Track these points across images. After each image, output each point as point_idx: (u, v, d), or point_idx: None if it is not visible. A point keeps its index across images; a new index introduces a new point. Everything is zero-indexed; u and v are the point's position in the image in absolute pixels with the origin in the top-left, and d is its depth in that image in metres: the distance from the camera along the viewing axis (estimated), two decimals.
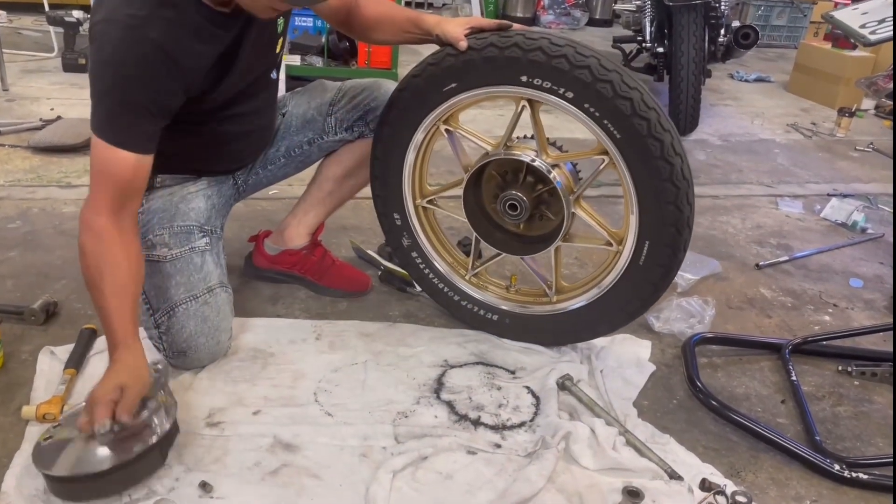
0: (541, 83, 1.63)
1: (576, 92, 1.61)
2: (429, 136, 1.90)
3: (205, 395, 1.69)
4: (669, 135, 1.59)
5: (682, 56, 3.92)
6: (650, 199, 1.64)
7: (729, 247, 2.76)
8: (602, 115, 1.61)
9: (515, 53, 1.62)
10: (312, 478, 1.48)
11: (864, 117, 4.82)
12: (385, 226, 2.07)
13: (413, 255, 2.06)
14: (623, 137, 1.61)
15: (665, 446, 1.63)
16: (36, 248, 2.32)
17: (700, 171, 3.60)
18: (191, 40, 1.51)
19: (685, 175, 1.62)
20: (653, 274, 1.72)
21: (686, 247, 1.70)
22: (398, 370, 1.84)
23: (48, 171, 2.94)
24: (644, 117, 1.57)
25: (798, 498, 1.54)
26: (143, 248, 1.71)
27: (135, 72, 1.45)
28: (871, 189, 3.53)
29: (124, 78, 1.45)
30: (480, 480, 1.50)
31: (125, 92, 1.47)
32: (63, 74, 4.37)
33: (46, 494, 1.38)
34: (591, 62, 1.58)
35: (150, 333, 1.74)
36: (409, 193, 1.99)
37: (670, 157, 1.59)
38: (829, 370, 2.01)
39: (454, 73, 1.72)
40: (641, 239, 1.70)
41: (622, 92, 1.57)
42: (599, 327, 1.89)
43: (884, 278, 2.60)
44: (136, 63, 1.45)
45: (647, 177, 1.62)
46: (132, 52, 1.44)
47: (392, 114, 1.87)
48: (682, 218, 1.64)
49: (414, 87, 1.80)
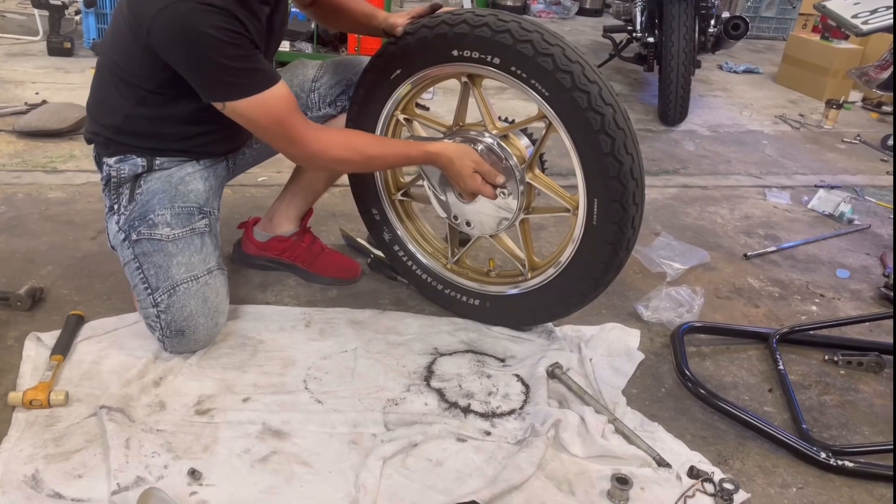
0: (469, 54, 1.68)
1: (501, 57, 1.64)
2: (390, 127, 1.95)
3: (194, 381, 1.68)
4: (597, 86, 1.60)
5: (673, 46, 3.92)
6: (588, 154, 1.65)
7: (717, 237, 2.77)
8: (529, 75, 1.63)
9: (443, 30, 1.70)
10: (302, 465, 1.47)
11: (851, 109, 4.85)
12: (366, 222, 2.14)
13: (395, 249, 2.10)
14: (551, 95, 1.63)
15: (654, 434, 1.64)
16: (21, 234, 2.29)
17: (689, 162, 3.61)
18: (242, 7, 1.56)
19: (619, 124, 1.61)
20: (607, 232, 1.70)
21: (636, 201, 1.67)
22: (388, 358, 1.83)
23: (33, 156, 2.90)
24: (567, 70, 1.59)
25: (785, 485, 1.55)
26: (145, 227, 1.71)
27: (222, 34, 1.50)
28: (858, 181, 3.55)
29: (218, 40, 1.50)
30: (470, 467, 1.50)
31: (228, 50, 1.52)
32: (48, 58, 4.30)
33: (34, 481, 1.37)
34: (511, 26, 1.62)
35: (147, 312, 1.73)
36: (383, 188, 2.05)
37: (599, 107, 1.59)
38: (815, 359, 2.02)
39: (396, 60, 1.81)
40: (591, 198, 1.69)
41: (542, 49, 1.60)
42: (570, 298, 1.85)
43: (870, 269, 2.62)
44: (219, 27, 1.50)
45: (581, 131, 1.63)
46: (211, 19, 1.49)
47: (353, 110, 1.95)
48: (622, 169, 1.62)
49: (367, 82, 1.90)
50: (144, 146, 1.74)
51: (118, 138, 1.74)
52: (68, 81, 3.87)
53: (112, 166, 1.76)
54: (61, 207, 2.50)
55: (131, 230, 1.73)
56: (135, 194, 1.75)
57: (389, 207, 2.08)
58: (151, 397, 1.62)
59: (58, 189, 2.63)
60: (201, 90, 1.60)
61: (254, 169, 2.20)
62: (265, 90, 1.58)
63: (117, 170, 1.75)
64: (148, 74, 1.65)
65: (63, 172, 2.77)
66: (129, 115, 1.71)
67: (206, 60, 1.53)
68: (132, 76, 1.67)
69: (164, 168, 1.77)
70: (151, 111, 1.71)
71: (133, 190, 1.76)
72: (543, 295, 1.88)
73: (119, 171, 1.75)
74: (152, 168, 1.76)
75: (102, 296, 1.99)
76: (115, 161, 1.75)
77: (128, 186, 1.76)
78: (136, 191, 1.75)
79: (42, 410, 1.54)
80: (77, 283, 2.04)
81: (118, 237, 1.77)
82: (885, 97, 4.87)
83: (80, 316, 1.84)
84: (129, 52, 1.63)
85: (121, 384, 1.63)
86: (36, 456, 1.43)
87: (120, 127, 1.73)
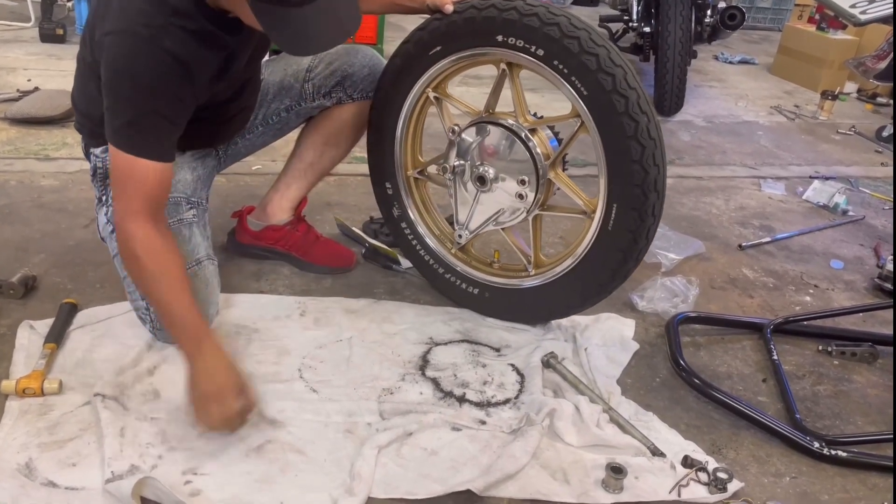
0: (514, 42, 1.67)
1: (546, 50, 1.63)
2: (420, 102, 1.94)
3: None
4: (636, 92, 1.59)
5: (669, 36, 3.91)
6: (616, 158, 1.64)
7: (712, 227, 2.77)
8: (570, 72, 1.62)
9: (492, 13, 1.68)
10: (297, 454, 1.47)
11: (846, 100, 4.85)
12: (377, 194, 2.12)
13: (402, 226, 2.09)
14: (590, 94, 1.62)
15: (648, 423, 1.64)
16: (14, 222, 2.27)
17: (684, 152, 3.61)
18: (200, 48, 1.50)
19: (651, 134, 1.61)
20: (621, 240, 1.70)
21: (654, 213, 1.67)
22: (383, 347, 1.83)
23: (26, 144, 2.88)
24: (609, 73, 1.58)
25: (778, 474, 1.56)
26: None
27: (151, 82, 1.45)
28: (852, 172, 3.55)
29: (142, 88, 1.45)
30: (465, 456, 1.50)
31: (144, 102, 1.46)
32: (40, 45, 4.27)
33: (28, 469, 1.37)
34: (560, 20, 1.61)
35: (137, 305, 1.73)
36: (400, 163, 2.02)
37: (636, 114, 1.59)
38: (809, 350, 2.03)
39: (439, 37, 1.79)
40: (610, 202, 1.69)
41: (588, 48, 1.58)
42: (572, 300, 1.86)
43: (864, 260, 2.62)
44: (153, 73, 1.44)
45: (613, 134, 1.62)
46: (149, 63, 1.44)
47: (385, 80, 1.93)
48: (647, 179, 1.62)
49: (404, 53, 1.87)
50: None
51: (101, 129, 1.71)
52: (61, 68, 3.84)
53: (99, 157, 1.74)
54: (54, 195, 2.48)
55: None
56: None
57: (403, 184, 2.05)
58: (146, 386, 1.61)
59: (50, 177, 2.61)
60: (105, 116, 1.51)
61: (248, 157, 2.18)
62: (142, 157, 1.47)
63: (104, 160, 1.73)
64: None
65: (56, 160, 2.75)
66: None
67: (120, 99, 1.47)
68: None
69: None
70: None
71: None
72: (545, 294, 1.88)
73: (105, 161, 1.73)
74: None
75: (96, 284, 1.98)
76: (101, 151, 1.74)
77: None
78: None
79: (35, 399, 1.54)
80: (70, 272, 2.02)
81: (107, 229, 1.75)
82: (881, 88, 4.88)
83: (74, 304, 1.83)
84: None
85: (115, 373, 1.62)
86: (29, 444, 1.42)
87: (102, 118, 1.70)
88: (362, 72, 1.97)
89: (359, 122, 2.03)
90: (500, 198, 1.87)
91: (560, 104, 1.75)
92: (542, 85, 1.87)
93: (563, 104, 1.71)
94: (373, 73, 1.98)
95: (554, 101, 3.52)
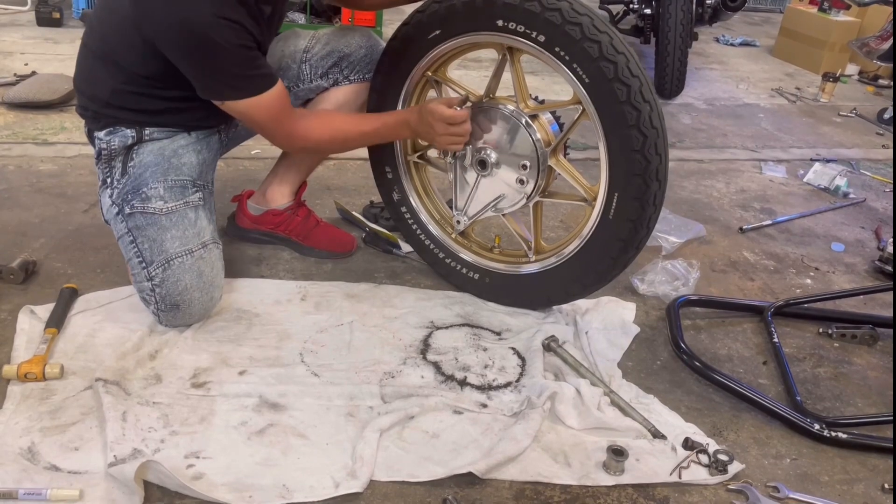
0: (515, 27, 1.65)
1: (547, 35, 1.61)
2: (419, 85, 1.93)
3: (189, 355, 1.68)
4: (638, 81, 1.58)
5: (670, 18, 3.88)
6: (617, 147, 1.63)
7: (713, 210, 2.77)
8: (571, 58, 1.60)
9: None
10: (299, 437, 1.48)
11: (847, 83, 4.83)
12: (378, 179, 2.11)
13: (402, 210, 2.08)
14: (591, 82, 1.60)
15: (649, 406, 1.65)
16: (13, 206, 2.27)
17: (685, 135, 3.59)
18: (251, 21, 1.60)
19: (654, 123, 1.59)
20: (622, 229, 1.69)
21: (656, 202, 1.66)
22: (384, 331, 1.83)
23: (24, 128, 2.86)
24: (612, 61, 1.56)
25: (778, 456, 1.56)
26: (138, 200, 1.70)
27: (232, 46, 1.55)
28: (853, 154, 3.54)
29: (226, 52, 1.55)
30: (466, 439, 1.51)
31: (234, 59, 1.58)
32: (37, 28, 4.24)
33: (30, 453, 1.37)
34: (562, 6, 1.59)
35: (142, 286, 1.72)
36: (400, 147, 2.02)
37: (638, 102, 1.57)
38: (809, 332, 2.03)
39: (438, 20, 1.76)
40: (611, 191, 1.68)
41: (591, 35, 1.56)
42: (572, 287, 1.86)
43: (864, 242, 2.62)
44: (229, 41, 1.54)
45: (614, 123, 1.61)
46: (223, 34, 1.53)
47: (384, 62, 1.92)
48: (649, 168, 1.61)
49: (403, 36, 1.85)
50: (133, 119, 1.72)
51: (106, 111, 1.72)
52: (58, 52, 3.81)
53: (102, 139, 1.74)
54: (53, 180, 2.47)
55: (125, 204, 1.72)
56: (127, 167, 1.73)
57: (403, 167, 2.05)
58: (147, 370, 1.62)
59: (49, 161, 2.60)
60: (201, 88, 1.63)
61: (248, 142, 2.17)
62: (264, 92, 1.63)
63: (108, 142, 1.73)
64: (142, 62, 1.64)
65: (54, 144, 2.74)
66: (116, 90, 1.70)
67: (214, 68, 1.59)
68: (124, 60, 1.66)
69: (154, 139, 1.75)
70: (140, 89, 1.70)
71: (125, 163, 1.74)
72: (545, 280, 1.88)
73: (109, 143, 1.73)
74: (142, 139, 1.74)
75: (96, 269, 1.98)
76: (105, 134, 1.73)
77: (120, 160, 1.74)
78: (128, 164, 1.74)
79: (37, 383, 1.54)
80: (70, 256, 2.02)
81: (111, 211, 1.75)
82: (882, 70, 4.85)
83: (74, 289, 1.83)
84: (127, 40, 1.62)
85: (116, 357, 1.62)
86: (32, 429, 1.43)
87: (107, 101, 1.71)
88: (359, 52, 1.96)
89: (357, 105, 2.01)
90: (501, 183, 1.86)
91: (560, 87, 1.73)
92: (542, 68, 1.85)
93: (562, 87, 1.70)
94: (370, 54, 1.96)
95: (554, 84, 3.52)
